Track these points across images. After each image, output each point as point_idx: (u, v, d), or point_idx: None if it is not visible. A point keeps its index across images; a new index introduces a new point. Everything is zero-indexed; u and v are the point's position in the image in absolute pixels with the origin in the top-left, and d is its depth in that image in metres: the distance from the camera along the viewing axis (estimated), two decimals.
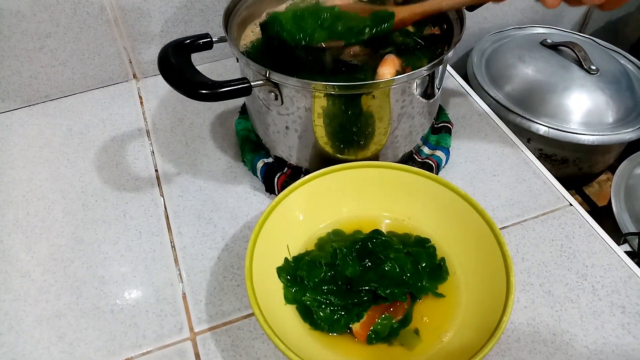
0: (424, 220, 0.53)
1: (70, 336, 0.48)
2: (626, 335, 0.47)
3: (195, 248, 0.54)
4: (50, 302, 0.51)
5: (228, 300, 0.50)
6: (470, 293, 0.47)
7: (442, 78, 0.55)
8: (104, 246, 0.55)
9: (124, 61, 0.73)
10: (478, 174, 0.61)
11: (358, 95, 0.47)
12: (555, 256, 0.53)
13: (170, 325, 0.49)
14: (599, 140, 0.75)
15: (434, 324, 0.46)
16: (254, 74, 0.48)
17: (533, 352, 0.46)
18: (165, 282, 0.52)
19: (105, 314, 0.50)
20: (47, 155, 0.65)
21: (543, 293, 0.50)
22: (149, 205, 0.59)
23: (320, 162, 0.54)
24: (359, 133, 0.51)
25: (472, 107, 0.71)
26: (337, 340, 0.45)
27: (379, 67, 0.51)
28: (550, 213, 0.57)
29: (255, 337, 0.47)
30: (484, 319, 0.43)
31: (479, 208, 0.49)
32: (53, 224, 0.57)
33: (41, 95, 0.72)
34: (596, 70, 0.79)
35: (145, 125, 0.68)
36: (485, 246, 0.47)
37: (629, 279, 0.51)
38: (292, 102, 0.49)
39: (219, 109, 0.70)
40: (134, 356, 0.47)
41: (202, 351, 0.47)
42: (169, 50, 0.48)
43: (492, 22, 0.93)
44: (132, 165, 0.63)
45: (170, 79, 0.46)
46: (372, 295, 0.46)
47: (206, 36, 0.52)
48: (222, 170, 0.62)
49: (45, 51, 0.68)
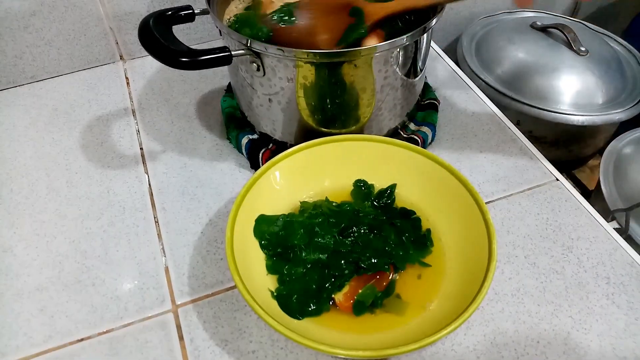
0: (409, 192, 0.52)
1: (52, 309, 0.48)
2: (610, 305, 0.47)
3: (178, 223, 0.54)
4: (32, 276, 0.50)
5: (211, 273, 0.50)
6: (455, 262, 0.47)
7: (427, 51, 0.54)
8: (87, 222, 0.55)
9: (110, 42, 0.73)
10: (464, 150, 0.61)
11: (340, 63, 0.47)
12: (540, 229, 0.53)
13: (152, 298, 0.48)
14: (589, 121, 0.75)
15: (419, 293, 0.46)
16: (235, 44, 0.48)
17: (517, 322, 0.46)
18: (147, 256, 0.51)
19: (87, 287, 0.49)
20: (32, 135, 0.65)
21: (528, 265, 0.50)
22: (133, 182, 0.58)
23: (304, 137, 0.53)
24: (343, 105, 0.51)
25: (459, 86, 0.70)
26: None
27: (364, 39, 0.51)
28: (537, 188, 0.57)
29: (237, 309, 0.47)
30: (469, 287, 0.43)
31: (462, 178, 0.48)
32: (36, 200, 0.57)
33: (27, 76, 0.72)
34: (585, 51, 0.79)
35: (131, 105, 0.68)
36: (469, 215, 0.47)
37: (615, 251, 0.51)
38: (274, 73, 0.49)
39: (205, 89, 0.70)
40: (114, 327, 0.46)
41: (183, 323, 0.46)
42: (150, 20, 0.48)
43: (482, 6, 0.93)
44: (117, 144, 0.63)
45: (150, 48, 0.46)
46: (353, 266, 0.46)
47: (188, 8, 0.51)
48: (207, 148, 0.62)
49: (30, 30, 0.68)
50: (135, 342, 0.45)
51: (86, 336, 0.46)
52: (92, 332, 0.46)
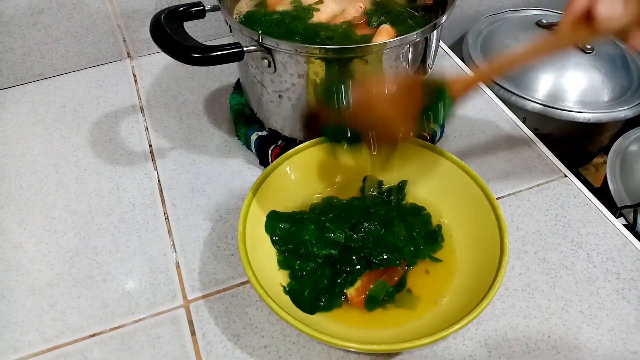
0: (418, 188, 0.52)
1: (63, 305, 0.48)
2: (620, 300, 0.47)
3: (188, 219, 0.54)
4: (43, 272, 0.50)
5: (222, 269, 0.50)
6: (466, 258, 0.47)
7: (437, 48, 0.55)
8: (97, 218, 0.55)
9: (118, 39, 0.73)
10: (473, 147, 0.61)
11: (350, 59, 0.47)
12: (550, 225, 0.53)
13: (163, 294, 0.48)
14: (595, 118, 0.75)
15: (431, 288, 0.46)
16: (246, 40, 0.48)
17: (528, 317, 0.46)
18: (158, 252, 0.52)
19: (98, 282, 0.49)
20: (41, 132, 0.65)
21: (538, 260, 0.50)
22: (142, 179, 0.58)
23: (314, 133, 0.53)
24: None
25: None
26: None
27: (374, 36, 0.51)
28: (545, 184, 0.57)
29: (248, 304, 0.47)
30: (480, 282, 0.43)
31: (472, 174, 0.48)
32: (46, 197, 0.57)
33: (35, 74, 0.72)
34: (591, 49, 0.79)
35: (139, 102, 0.68)
36: (479, 211, 0.47)
37: (624, 247, 0.51)
38: (285, 69, 0.49)
39: (213, 86, 0.70)
40: (126, 323, 0.46)
41: (195, 318, 0.46)
42: (162, 16, 0.48)
43: (487, 4, 0.93)
44: (125, 141, 0.63)
45: (163, 44, 0.46)
46: (365, 261, 0.46)
47: (199, 4, 0.51)
48: (216, 145, 0.62)
49: (38, 28, 0.68)
50: (147, 337, 0.45)
51: (98, 332, 0.46)
52: (103, 327, 0.46)
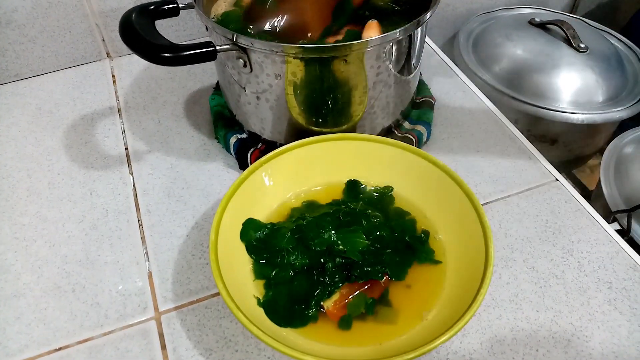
0: (403, 193, 0.50)
1: (29, 316, 0.46)
2: (612, 311, 0.45)
3: (163, 226, 0.52)
4: (9, 282, 0.48)
5: (196, 278, 0.48)
6: (453, 267, 0.45)
7: (422, 47, 0.52)
8: (68, 225, 0.52)
9: (96, 39, 0.71)
10: (461, 149, 0.59)
11: (330, 59, 0.45)
12: (539, 232, 0.51)
13: (134, 305, 0.46)
14: (589, 119, 0.73)
15: (415, 302, 0.43)
16: (220, 39, 0.46)
17: (515, 329, 0.44)
18: (130, 260, 0.49)
19: (67, 293, 0.47)
20: (14, 134, 0.62)
21: (527, 269, 0.48)
22: (117, 184, 0.56)
23: (294, 136, 0.51)
24: (333, 102, 0.49)
25: (456, 84, 0.68)
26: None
27: (363, 32, 0.49)
28: (536, 188, 0.55)
29: (222, 316, 0.45)
30: (465, 293, 0.41)
31: (457, 179, 0.46)
32: (17, 202, 0.55)
33: (10, 75, 0.69)
34: (585, 48, 0.77)
35: (117, 103, 0.66)
36: (465, 217, 0.45)
37: (617, 255, 0.49)
38: (261, 69, 0.47)
39: (194, 87, 0.67)
40: (94, 336, 0.44)
41: (166, 331, 0.44)
42: (132, 14, 0.46)
43: (479, 3, 0.91)
44: (101, 144, 0.61)
45: (131, 43, 0.44)
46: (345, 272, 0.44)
47: (172, 2, 0.49)
48: (194, 148, 0.60)
49: (12, 27, 0.65)
50: (115, 351, 0.43)
51: (64, 345, 0.44)
52: (70, 340, 0.44)
